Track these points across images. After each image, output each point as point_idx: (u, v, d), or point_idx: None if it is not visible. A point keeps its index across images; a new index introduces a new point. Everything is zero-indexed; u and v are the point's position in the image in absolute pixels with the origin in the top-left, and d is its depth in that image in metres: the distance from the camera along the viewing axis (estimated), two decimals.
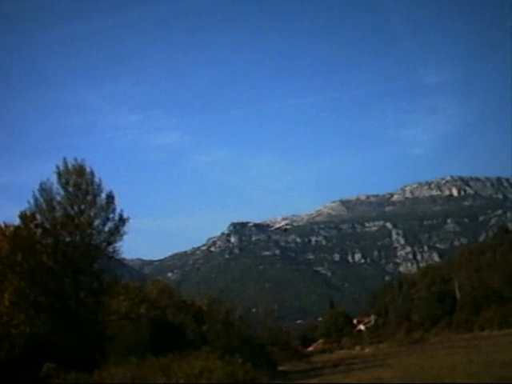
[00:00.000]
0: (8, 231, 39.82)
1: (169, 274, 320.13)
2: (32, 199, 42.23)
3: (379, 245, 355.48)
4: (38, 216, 42.34)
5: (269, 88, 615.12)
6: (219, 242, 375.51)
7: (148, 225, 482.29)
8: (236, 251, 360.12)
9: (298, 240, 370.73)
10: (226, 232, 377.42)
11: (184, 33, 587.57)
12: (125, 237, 43.83)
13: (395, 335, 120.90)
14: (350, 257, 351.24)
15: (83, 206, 43.07)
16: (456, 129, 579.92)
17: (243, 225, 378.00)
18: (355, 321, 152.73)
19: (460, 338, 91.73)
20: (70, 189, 43.04)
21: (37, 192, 42.35)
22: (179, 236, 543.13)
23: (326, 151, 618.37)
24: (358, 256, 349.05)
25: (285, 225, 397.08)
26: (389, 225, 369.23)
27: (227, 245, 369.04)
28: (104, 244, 43.57)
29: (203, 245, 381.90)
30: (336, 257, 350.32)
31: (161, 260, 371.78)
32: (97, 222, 43.35)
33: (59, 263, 41.62)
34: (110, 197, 43.84)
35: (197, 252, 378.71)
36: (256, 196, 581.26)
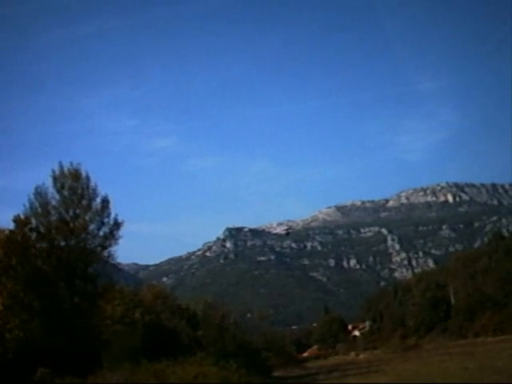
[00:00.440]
0: (2, 235, 39.68)
1: (164, 279, 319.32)
2: (27, 203, 42.21)
3: (374, 250, 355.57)
4: (33, 220, 42.28)
5: (265, 93, 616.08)
6: (214, 247, 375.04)
7: (143, 229, 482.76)
8: (231, 256, 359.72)
9: (294, 245, 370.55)
10: (222, 237, 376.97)
11: (180, 38, 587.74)
12: (120, 241, 43.90)
13: (390, 341, 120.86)
14: (345, 262, 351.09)
15: (78, 211, 43.04)
16: (451, 135, 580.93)
17: (238, 230, 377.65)
18: (350, 326, 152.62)
19: (454, 345, 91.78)
20: (66, 193, 43.02)
21: (32, 196, 42.33)
22: (175, 241, 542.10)
23: (322, 157, 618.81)
24: (353, 262, 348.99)
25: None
26: (384, 230, 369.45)
27: (222, 250, 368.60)
28: (99, 248, 43.52)
29: (198, 250, 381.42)
30: (331, 262, 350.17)
31: (156, 265, 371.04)
32: (92, 227, 43.35)
33: (54, 267, 41.54)
34: (105, 201, 43.84)
35: (192, 257, 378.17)
36: (251, 201, 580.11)
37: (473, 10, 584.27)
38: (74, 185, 43.06)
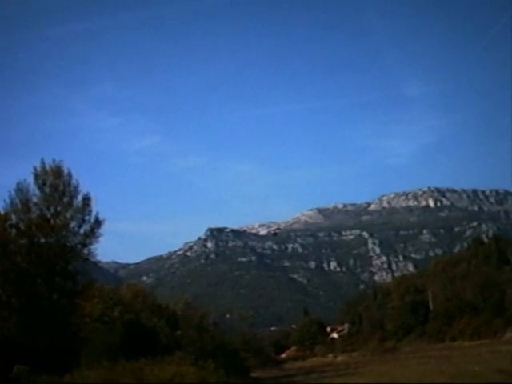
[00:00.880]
0: None
1: (144, 278, 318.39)
2: (8, 199, 41.97)
3: (355, 253, 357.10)
4: (13, 216, 42.02)
5: (250, 95, 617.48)
6: (196, 247, 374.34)
7: (125, 228, 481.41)
8: (212, 256, 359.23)
9: (275, 247, 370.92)
10: (203, 237, 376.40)
11: (165, 38, 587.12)
12: (100, 239, 43.73)
13: (368, 344, 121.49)
14: (326, 265, 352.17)
15: (59, 208, 42.83)
16: (434, 140, 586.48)
17: (220, 230, 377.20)
18: (329, 329, 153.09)
19: (432, 348, 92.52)
20: (47, 190, 42.79)
21: (13, 192, 42.08)
22: (156, 240, 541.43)
23: (305, 159, 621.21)
24: (334, 264, 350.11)
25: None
26: (365, 234, 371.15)
27: (203, 250, 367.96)
28: (79, 246, 43.34)
29: (179, 249, 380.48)
30: (312, 264, 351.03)
31: (136, 263, 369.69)
32: (73, 224, 43.14)
33: (33, 264, 41.30)
34: (87, 199, 43.65)
35: (173, 256, 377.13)
36: (234, 202, 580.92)
37: (460, 18, 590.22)
38: (56, 182, 42.83)
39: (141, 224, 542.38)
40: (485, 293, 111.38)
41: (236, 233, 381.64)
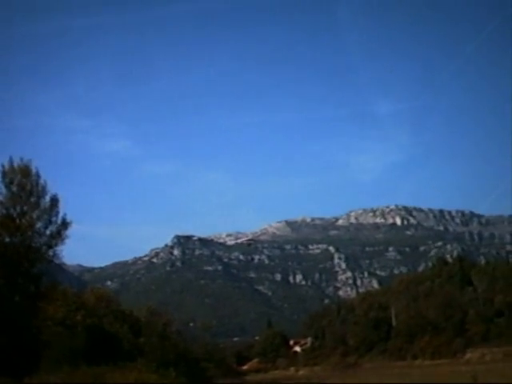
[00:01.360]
0: None
1: (108, 283, 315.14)
2: None
3: (321, 268, 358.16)
4: None
5: (222, 104, 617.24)
6: (162, 254, 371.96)
7: (91, 231, 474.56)
8: (178, 264, 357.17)
9: (241, 257, 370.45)
10: (170, 244, 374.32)
11: (140, 41, 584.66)
12: (66, 241, 43.04)
13: (330, 358, 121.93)
14: (292, 278, 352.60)
15: (26, 207, 42.14)
16: (404, 159, 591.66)
17: (187, 238, 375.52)
18: (292, 342, 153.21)
19: (393, 366, 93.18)
20: (14, 189, 42.09)
21: None
22: (122, 245, 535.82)
23: (275, 171, 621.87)
24: (300, 277, 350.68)
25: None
26: (332, 249, 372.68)
27: (170, 257, 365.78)
28: (44, 247, 42.61)
29: (145, 255, 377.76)
30: (277, 277, 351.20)
31: (101, 268, 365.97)
32: (39, 225, 42.42)
33: None
34: (54, 200, 43.01)
35: (138, 262, 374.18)
36: (202, 210, 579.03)
37: (433, 38, 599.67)
38: (23, 181, 42.16)
39: (107, 228, 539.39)
40: (447, 312, 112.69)
41: (203, 241, 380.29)
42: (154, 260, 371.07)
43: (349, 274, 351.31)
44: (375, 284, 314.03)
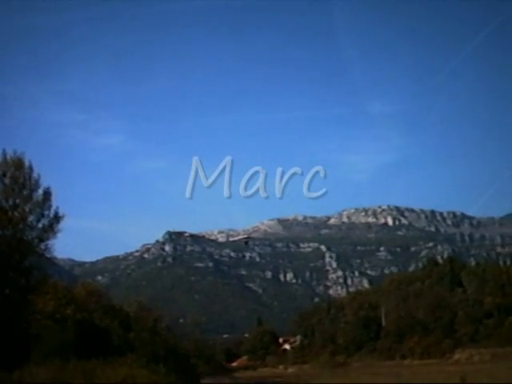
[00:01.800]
0: None
1: (99, 277, 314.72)
2: None
3: (312, 266, 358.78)
4: None
5: (216, 102, 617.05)
6: (153, 250, 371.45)
7: (83, 225, 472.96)
8: (169, 260, 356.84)
9: (232, 254, 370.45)
10: (161, 240, 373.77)
11: (137, 36, 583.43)
12: (58, 235, 42.91)
13: (319, 357, 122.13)
14: (282, 276, 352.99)
15: (18, 200, 41.96)
16: (397, 159, 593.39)
17: (179, 234, 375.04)
18: (281, 340, 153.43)
19: (382, 365, 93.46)
20: (7, 181, 41.91)
21: None
22: (114, 240, 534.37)
23: (268, 169, 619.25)
24: (290, 275, 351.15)
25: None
26: (323, 247, 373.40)
27: (161, 253, 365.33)
28: (36, 240, 42.44)
29: (136, 251, 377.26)
30: (268, 274, 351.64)
31: (92, 262, 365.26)
32: (31, 218, 42.24)
33: None
34: (47, 193, 42.85)
35: (129, 257, 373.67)
36: (194, 207, 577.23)
37: (429, 39, 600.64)
38: (16, 174, 41.97)
39: (99, 222, 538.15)
40: (436, 313, 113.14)
41: (195, 238, 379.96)
42: (145, 255, 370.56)
43: (339, 273, 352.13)
44: (366, 283, 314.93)
